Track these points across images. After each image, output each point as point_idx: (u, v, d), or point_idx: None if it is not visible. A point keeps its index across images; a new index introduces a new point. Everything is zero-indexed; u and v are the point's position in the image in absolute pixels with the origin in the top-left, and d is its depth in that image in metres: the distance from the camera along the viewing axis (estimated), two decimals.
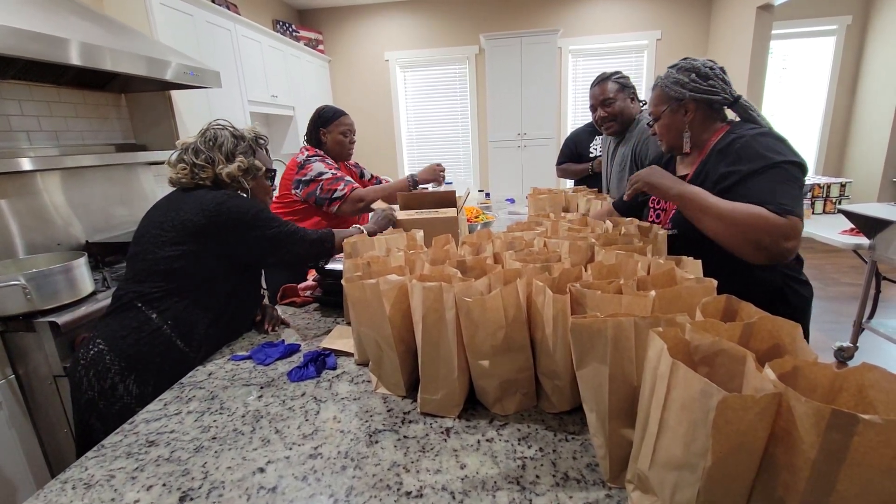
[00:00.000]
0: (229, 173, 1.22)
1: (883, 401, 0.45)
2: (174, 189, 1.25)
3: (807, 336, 1.17)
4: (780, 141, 1.06)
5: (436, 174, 2.01)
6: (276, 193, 1.74)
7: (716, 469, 0.45)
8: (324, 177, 1.88)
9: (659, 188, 1.09)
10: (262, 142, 1.35)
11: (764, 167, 1.00)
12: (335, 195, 1.87)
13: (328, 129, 2.01)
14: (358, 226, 1.50)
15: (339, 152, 2.04)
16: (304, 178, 1.89)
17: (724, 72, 1.17)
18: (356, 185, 1.92)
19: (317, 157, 1.93)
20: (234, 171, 1.23)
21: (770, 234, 0.93)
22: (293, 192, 1.92)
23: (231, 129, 1.27)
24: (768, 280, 1.13)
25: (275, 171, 1.38)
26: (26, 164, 1.83)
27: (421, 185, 2.02)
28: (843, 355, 2.62)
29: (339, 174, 1.91)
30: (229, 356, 1.13)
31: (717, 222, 0.98)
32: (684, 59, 1.20)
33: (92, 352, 1.09)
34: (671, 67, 1.21)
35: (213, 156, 1.22)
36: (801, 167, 1.02)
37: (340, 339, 1.16)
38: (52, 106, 2.09)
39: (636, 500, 0.59)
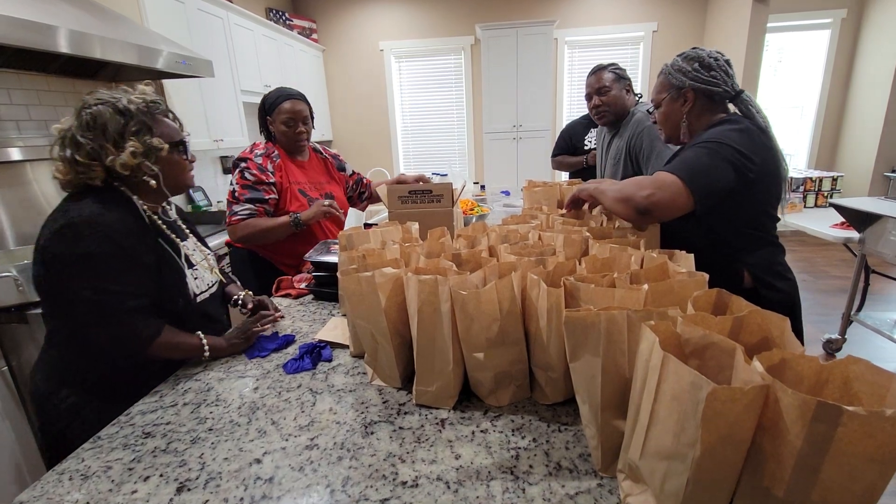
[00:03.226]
0: (124, 164, 0.96)
1: (867, 392, 0.46)
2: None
3: (801, 332, 1.18)
4: (742, 131, 1.07)
5: (320, 209, 1.64)
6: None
7: (705, 459, 0.46)
8: (234, 190, 1.62)
9: (592, 195, 1.22)
10: (157, 109, 1.05)
11: (689, 146, 1.09)
12: (228, 218, 1.61)
13: (272, 117, 1.70)
14: (202, 335, 1.06)
15: (286, 145, 1.73)
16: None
17: (729, 65, 1.17)
18: (249, 209, 1.61)
19: (244, 162, 1.64)
20: (128, 161, 0.96)
21: (631, 186, 1.06)
22: None
23: (114, 104, 0.98)
24: (739, 277, 1.14)
25: (183, 140, 1.09)
26: (15, 154, 1.81)
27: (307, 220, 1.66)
28: (832, 347, 2.66)
29: (242, 192, 1.61)
30: None
31: (605, 198, 1.14)
32: (693, 48, 1.19)
33: (39, 389, 1.01)
34: (678, 56, 1.21)
35: (99, 145, 0.95)
36: (729, 147, 1.05)
37: (336, 330, 1.17)
38: (42, 95, 2.06)
39: (627, 490, 0.61)
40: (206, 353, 1.05)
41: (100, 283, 0.92)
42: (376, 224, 1.33)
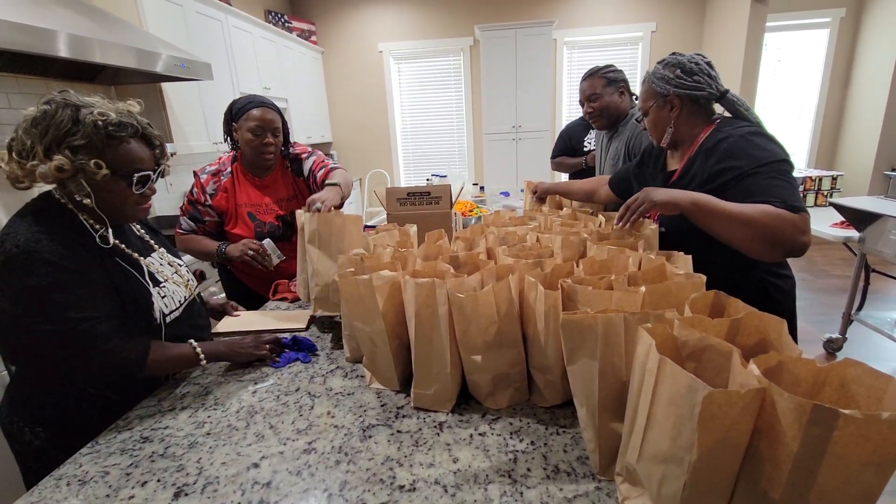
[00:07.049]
0: (44, 174, 0.82)
1: (864, 395, 0.46)
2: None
3: (794, 328, 1.19)
4: (769, 139, 1.07)
5: (243, 252, 1.45)
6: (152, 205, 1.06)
7: (701, 462, 0.46)
8: (183, 204, 1.57)
9: (668, 204, 1.01)
10: (121, 132, 0.88)
11: (760, 166, 1.01)
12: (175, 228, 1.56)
13: (238, 124, 1.50)
14: (193, 343, 1.00)
15: (250, 157, 1.53)
16: None
17: (710, 66, 1.16)
18: (190, 225, 1.57)
19: (195, 177, 1.57)
20: (49, 173, 0.82)
21: (788, 231, 0.93)
22: None
23: (77, 109, 0.85)
24: (749, 276, 1.14)
25: (134, 172, 0.91)
26: None
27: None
28: (833, 346, 2.66)
29: (187, 208, 1.55)
30: None
31: (732, 225, 0.96)
32: (672, 54, 1.20)
33: (5, 424, 0.95)
34: (659, 63, 1.21)
35: (31, 144, 0.83)
36: (791, 165, 1.04)
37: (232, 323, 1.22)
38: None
39: (625, 493, 0.61)
40: (203, 360, 0.98)
41: (57, 313, 0.83)
42: (374, 227, 1.33)
